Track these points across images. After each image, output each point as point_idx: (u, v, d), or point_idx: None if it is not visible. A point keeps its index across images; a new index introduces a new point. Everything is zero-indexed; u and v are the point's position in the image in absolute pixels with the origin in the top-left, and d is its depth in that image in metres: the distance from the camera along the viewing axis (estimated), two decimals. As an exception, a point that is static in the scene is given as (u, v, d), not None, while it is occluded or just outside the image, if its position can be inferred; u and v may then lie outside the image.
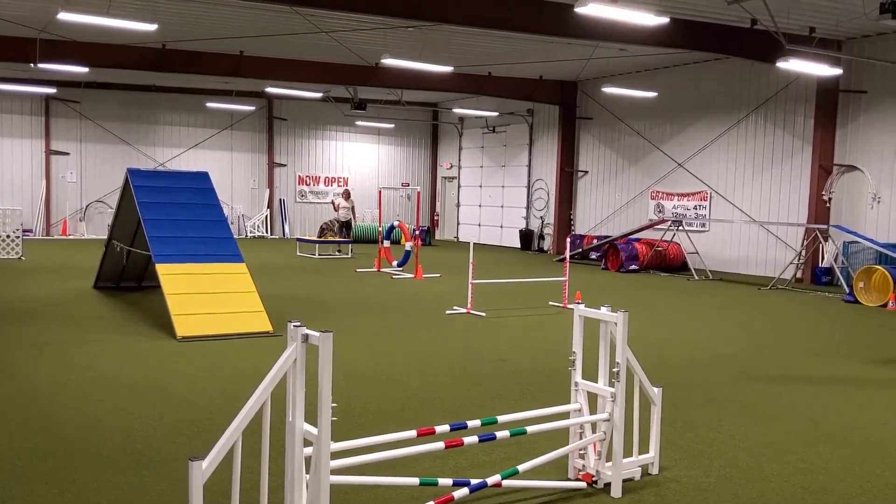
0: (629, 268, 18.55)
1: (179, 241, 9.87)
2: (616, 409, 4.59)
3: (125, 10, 14.79)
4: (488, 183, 28.17)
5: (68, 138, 25.96)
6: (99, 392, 6.52)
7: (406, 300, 12.64)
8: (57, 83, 24.12)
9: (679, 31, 14.75)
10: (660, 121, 21.10)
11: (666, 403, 6.00)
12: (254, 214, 28.50)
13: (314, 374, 3.48)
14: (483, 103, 26.03)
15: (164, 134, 27.27)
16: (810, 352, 9.12)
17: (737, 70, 18.81)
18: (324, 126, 29.49)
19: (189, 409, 6.07)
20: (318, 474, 3.52)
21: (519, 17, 13.78)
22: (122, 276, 12.88)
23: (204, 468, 3.24)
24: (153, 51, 18.76)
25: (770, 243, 18.31)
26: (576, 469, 4.74)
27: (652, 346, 9.10)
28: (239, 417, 3.38)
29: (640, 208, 21.69)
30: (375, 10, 13.09)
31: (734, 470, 4.98)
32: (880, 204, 16.01)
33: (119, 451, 5.08)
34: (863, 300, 13.53)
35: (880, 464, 5.17)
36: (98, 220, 26.11)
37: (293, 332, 3.50)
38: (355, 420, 5.87)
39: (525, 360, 8.18)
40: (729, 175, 19.28)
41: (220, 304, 9.34)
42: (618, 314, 4.58)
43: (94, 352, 8.12)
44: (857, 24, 14.78)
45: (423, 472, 4.74)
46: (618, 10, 11.20)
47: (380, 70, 20.68)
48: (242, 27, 16.54)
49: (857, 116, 16.41)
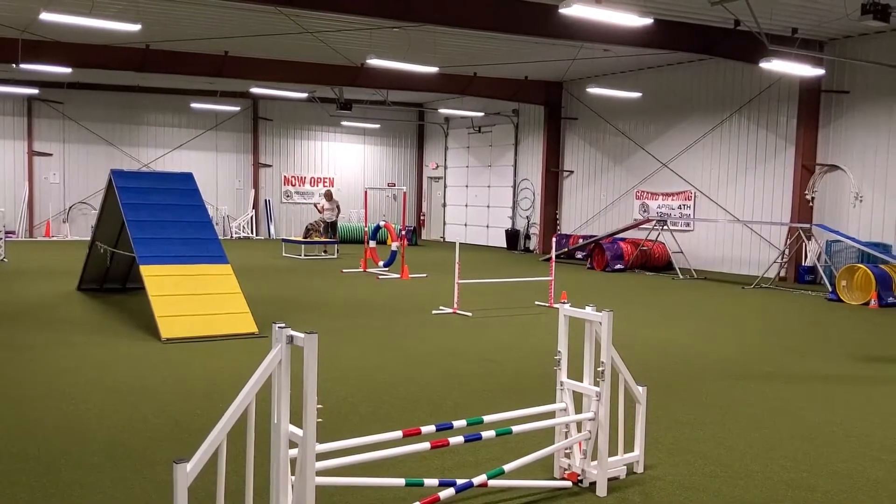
0: (615, 267, 18.62)
1: (164, 243, 9.83)
2: (601, 409, 4.61)
3: (108, 11, 14.70)
4: (474, 183, 28.20)
5: (51, 139, 25.77)
6: (83, 395, 6.48)
7: (392, 300, 12.64)
8: (39, 84, 23.96)
9: (662, 31, 14.83)
10: (644, 121, 21.20)
11: (651, 402, 6.03)
12: (239, 215, 28.40)
13: (300, 375, 3.48)
14: (469, 103, 26.06)
15: (149, 135, 27.12)
16: (794, 350, 9.19)
17: (720, 70, 18.93)
18: (309, 126, 29.43)
19: (174, 412, 6.04)
20: (303, 476, 3.52)
21: (504, 17, 13.81)
22: (106, 278, 12.80)
23: (189, 471, 3.23)
24: (137, 51, 18.66)
25: (754, 242, 18.44)
26: (561, 468, 4.75)
27: (637, 344, 9.15)
28: (224, 419, 3.37)
29: (626, 208, 21.78)
30: (360, 11, 13.07)
31: (718, 468, 5.01)
32: (862, 203, 16.15)
33: (103, 454, 5.05)
34: (845, 298, 13.65)
35: (862, 460, 5.22)
36: (82, 222, 25.93)
37: (278, 333, 3.49)
38: (342, 421, 5.87)
39: (511, 360, 8.20)
40: (713, 175, 19.39)
41: (204, 306, 9.31)
42: (602, 314, 4.60)
43: (77, 354, 8.06)
44: (839, 25, 14.91)
45: (410, 472, 4.74)
46: (601, 11, 11.25)
47: (365, 70, 20.66)
48: (227, 27, 16.48)
49: (839, 116, 16.55)
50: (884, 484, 4.80)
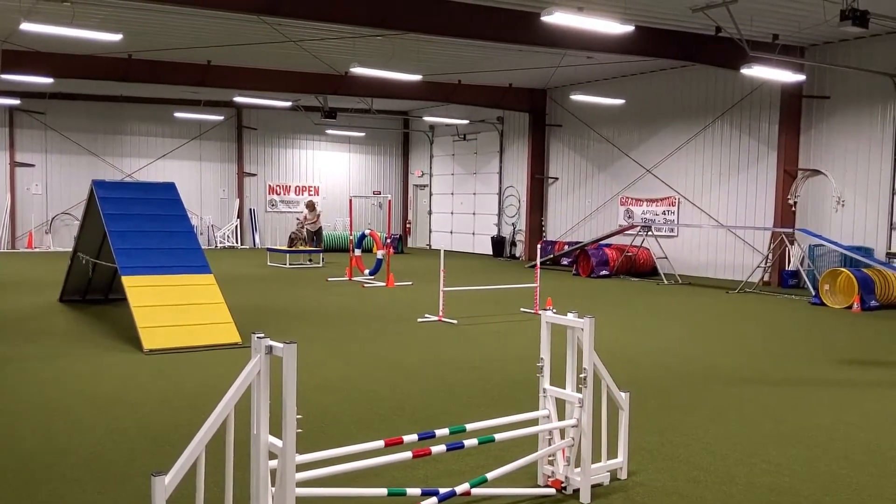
0: (600, 273, 18.67)
1: (146, 253, 9.76)
2: (584, 415, 4.60)
3: (90, 21, 14.63)
4: (460, 190, 28.22)
5: (33, 150, 25.58)
6: (63, 407, 6.41)
7: (378, 309, 12.60)
8: (21, 94, 23.77)
9: (644, 38, 14.91)
10: (628, 127, 21.30)
11: (634, 408, 6.03)
12: (224, 224, 28.28)
13: (281, 385, 3.45)
14: (453, 111, 26.10)
15: (132, 144, 26.98)
16: (777, 354, 9.23)
17: (702, 77, 19.06)
18: (294, 135, 29.38)
19: (155, 423, 5.99)
20: (283, 487, 3.49)
21: (487, 26, 13.84)
22: (88, 289, 12.70)
23: (167, 483, 3.20)
24: (119, 61, 18.57)
25: (738, 247, 18.53)
26: (545, 475, 4.74)
27: (621, 350, 9.16)
28: (202, 431, 3.34)
29: (610, 214, 21.85)
30: (342, 20, 13.08)
31: (702, 473, 5.02)
32: (844, 207, 16.27)
33: (82, 467, 4.99)
34: (828, 302, 13.73)
35: (845, 463, 5.24)
36: (65, 233, 25.73)
37: (257, 343, 3.47)
38: (325, 431, 5.83)
39: (496, 367, 8.18)
40: (696, 180, 19.49)
41: (187, 316, 9.24)
42: (584, 320, 4.59)
43: (59, 366, 7.98)
44: (819, 31, 15.05)
45: (393, 482, 4.71)
46: (583, 19, 11.31)
47: (349, 79, 20.66)
48: (209, 36, 16.43)
49: (820, 121, 16.68)
50: (867, 488, 4.82)
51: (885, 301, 13.56)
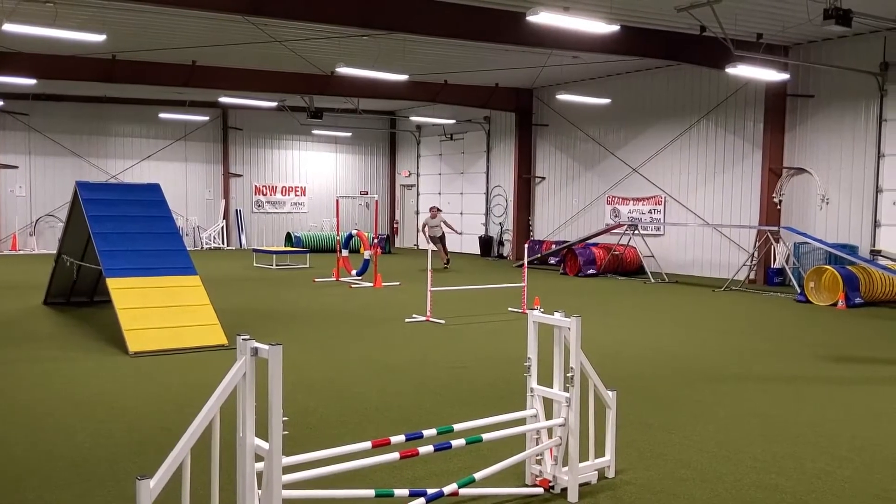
0: (587, 272, 18.71)
1: (130, 255, 9.69)
2: (571, 414, 4.60)
3: (72, 21, 14.52)
4: (447, 190, 28.22)
5: (17, 151, 25.36)
6: (48, 410, 6.36)
7: (365, 309, 12.57)
8: (4, 95, 23.58)
9: (630, 38, 14.95)
10: (614, 127, 21.35)
11: (621, 406, 6.05)
12: (209, 226, 28.15)
13: (267, 387, 3.43)
14: (440, 111, 26.08)
15: (117, 146, 26.81)
16: (763, 351, 9.28)
17: (687, 76, 19.13)
18: (280, 135, 29.28)
19: (141, 426, 5.95)
20: (270, 490, 3.47)
21: (472, 25, 13.84)
22: (72, 292, 12.60)
23: (152, 487, 3.17)
24: (103, 62, 18.45)
25: (724, 245, 18.62)
26: (533, 475, 4.74)
27: (608, 349, 9.18)
28: (187, 434, 3.32)
29: (597, 213, 21.90)
30: (328, 20, 13.04)
31: (689, 471, 5.03)
32: (828, 205, 16.38)
33: (68, 470, 4.95)
34: (813, 300, 13.81)
35: (831, 460, 5.27)
36: (49, 235, 25.53)
37: (242, 345, 3.45)
38: (312, 432, 5.81)
39: (484, 367, 8.18)
40: (682, 179, 19.57)
41: (173, 318, 9.19)
42: (571, 319, 4.60)
43: (43, 370, 7.92)
44: (802, 30, 15.14)
45: (380, 483, 4.70)
46: (569, 19, 11.33)
47: (335, 79, 20.60)
48: (194, 37, 16.35)
49: (804, 120, 16.78)
50: (853, 483, 4.84)
51: (870, 298, 13.65)
